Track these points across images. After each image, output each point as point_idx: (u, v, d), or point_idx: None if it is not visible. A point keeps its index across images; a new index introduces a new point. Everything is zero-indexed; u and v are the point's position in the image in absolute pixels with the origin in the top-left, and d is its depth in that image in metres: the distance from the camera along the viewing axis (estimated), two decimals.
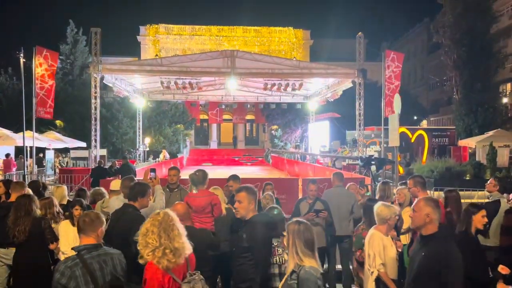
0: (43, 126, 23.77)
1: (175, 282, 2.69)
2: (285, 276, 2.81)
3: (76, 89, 29.53)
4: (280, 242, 3.59)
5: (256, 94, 23.65)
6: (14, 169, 17.65)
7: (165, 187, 5.44)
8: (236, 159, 34.57)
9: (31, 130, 15.20)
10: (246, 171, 24.50)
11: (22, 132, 15.24)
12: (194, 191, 4.83)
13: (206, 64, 16.84)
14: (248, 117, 37.19)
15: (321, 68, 17.90)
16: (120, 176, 10.91)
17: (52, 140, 20.36)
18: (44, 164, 19.27)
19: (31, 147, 15.68)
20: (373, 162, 9.25)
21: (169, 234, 2.71)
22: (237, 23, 41.53)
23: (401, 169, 15.26)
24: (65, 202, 5.44)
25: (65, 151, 22.21)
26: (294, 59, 25.37)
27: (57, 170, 18.19)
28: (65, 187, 5.90)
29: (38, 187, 5.83)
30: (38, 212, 4.53)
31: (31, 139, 15.20)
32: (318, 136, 26.79)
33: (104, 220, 3.01)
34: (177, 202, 3.94)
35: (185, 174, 6.45)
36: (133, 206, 3.78)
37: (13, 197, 4.83)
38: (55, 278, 2.67)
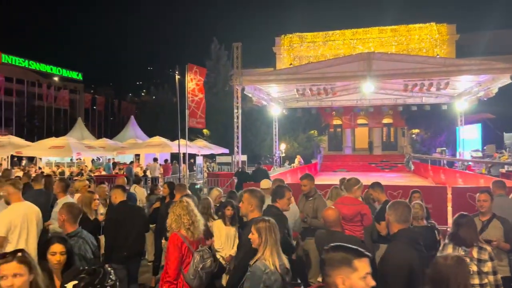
0: (193, 134, 26.59)
1: (190, 250, 3.64)
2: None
3: (220, 101, 32.25)
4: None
5: (394, 96, 22.40)
6: (170, 173, 20.07)
7: (302, 195, 5.57)
8: (373, 165, 33.19)
9: (184, 138, 17.10)
10: (385, 178, 23.32)
11: (177, 141, 17.24)
12: (344, 194, 4.77)
13: (341, 69, 16.66)
14: (385, 120, 35.44)
15: (471, 64, 16.04)
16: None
17: (200, 147, 22.59)
18: (194, 169, 21.48)
19: (184, 154, 17.65)
20: None
21: (192, 216, 3.72)
22: (372, 25, 40.15)
23: None
24: (217, 204, 5.96)
25: (211, 157, 24.43)
26: (438, 56, 23.30)
27: (206, 174, 20.04)
28: (220, 189, 6.46)
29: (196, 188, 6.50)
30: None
31: (184, 146, 17.11)
32: (468, 140, 24.01)
33: None
34: (328, 207, 3.97)
35: (320, 180, 6.45)
36: (275, 207, 4.11)
37: (177, 197, 5.51)
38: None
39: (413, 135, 34.53)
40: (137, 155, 24.31)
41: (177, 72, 16.46)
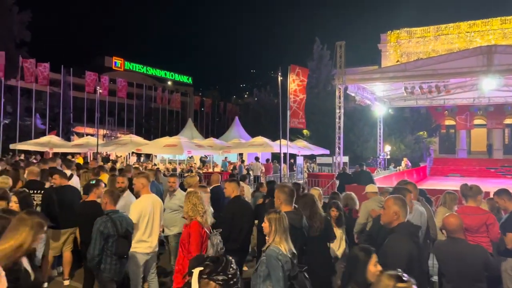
0: (293, 135, 26.78)
1: (207, 234, 4.20)
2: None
3: (321, 101, 31.95)
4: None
5: None
6: (271, 172, 20.48)
7: None
8: (491, 170, 29.79)
9: (285, 138, 17.31)
10: (507, 185, 20.74)
11: (278, 141, 17.53)
12: (464, 203, 4.38)
13: (455, 64, 15.29)
14: (508, 121, 31.58)
15: None
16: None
17: (301, 148, 22.64)
18: (294, 169, 21.63)
19: (284, 154, 17.87)
20: None
21: (204, 206, 4.24)
22: (492, 15, 36.11)
23: None
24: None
25: (311, 157, 24.34)
26: None
27: (306, 175, 20.04)
28: (319, 189, 6.40)
29: (298, 189, 6.52)
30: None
31: (285, 146, 17.32)
32: None
33: None
34: (449, 214, 3.66)
35: (429, 185, 6.00)
36: None
37: None
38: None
39: None
40: (241, 154, 25.29)
41: (279, 74, 16.73)
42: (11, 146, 25.05)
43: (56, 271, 6.61)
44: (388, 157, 26.15)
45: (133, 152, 24.47)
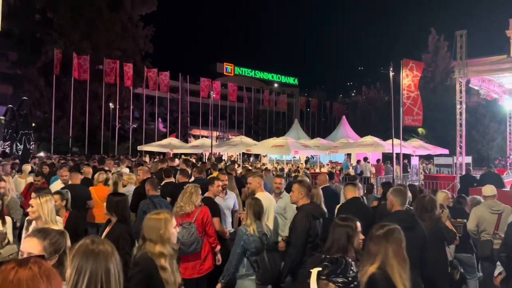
0: (406, 134, 25.14)
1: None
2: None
3: (438, 96, 29.50)
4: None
5: None
6: (383, 173, 19.50)
7: None
8: None
9: (398, 138, 16.29)
10: None
11: (390, 140, 16.59)
12: None
13: None
14: None
15: None
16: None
17: (415, 147, 21.12)
18: (408, 170, 20.25)
19: (397, 154, 16.83)
20: None
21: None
22: None
23: None
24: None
25: (428, 157, 22.56)
26: None
27: (422, 176, 18.64)
28: (447, 192, 5.92)
29: (415, 191, 6.09)
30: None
31: (397, 146, 16.31)
32: None
33: None
34: None
35: None
36: None
37: None
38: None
39: None
40: (348, 154, 24.61)
41: (391, 69, 15.85)
42: (138, 148, 28.11)
43: None
44: None
45: (244, 153, 25.53)
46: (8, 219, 4.55)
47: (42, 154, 24.67)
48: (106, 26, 34.44)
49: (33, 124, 23.51)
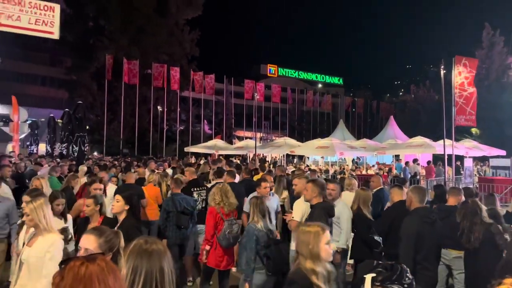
0: (458, 134, 23.96)
1: (222, 219, 4.92)
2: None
3: (493, 95, 27.88)
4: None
5: None
6: (434, 175, 18.70)
7: None
8: None
9: (449, 138, 15.56)
10: None
11: (441, 141, 15.89)
12: None
13: None
14: None
15: None
16: None
17: (469, 148, 20.08)
18: (461, 172, 19.29)
19: (449, 155, 16.06)
20: None
21: (227, 195, 5.03)
22: None
23: None
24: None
25: (483, 159, 21.39)
26: None
27: (476, 179, 17.71)
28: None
29: (471, 195, 5.79)
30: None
31: (449, 147, 15.57)
32: None
33: None
34: None
35: None
36: None
37: (451, 201, 5.05)
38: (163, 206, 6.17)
39: None
40: (397, 156, 23.85)
41: (442, 67, 15.19)
42: (185, 149, 28.84)
43: None
44: None
45: (288, 154, 25.45)
46: (68, 216, 4.85)
47: (95, 154, 25.96)
48: (154, 31, 35.70)
49: (87, 127, 24.82)
